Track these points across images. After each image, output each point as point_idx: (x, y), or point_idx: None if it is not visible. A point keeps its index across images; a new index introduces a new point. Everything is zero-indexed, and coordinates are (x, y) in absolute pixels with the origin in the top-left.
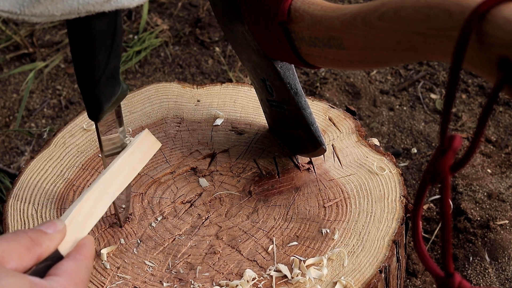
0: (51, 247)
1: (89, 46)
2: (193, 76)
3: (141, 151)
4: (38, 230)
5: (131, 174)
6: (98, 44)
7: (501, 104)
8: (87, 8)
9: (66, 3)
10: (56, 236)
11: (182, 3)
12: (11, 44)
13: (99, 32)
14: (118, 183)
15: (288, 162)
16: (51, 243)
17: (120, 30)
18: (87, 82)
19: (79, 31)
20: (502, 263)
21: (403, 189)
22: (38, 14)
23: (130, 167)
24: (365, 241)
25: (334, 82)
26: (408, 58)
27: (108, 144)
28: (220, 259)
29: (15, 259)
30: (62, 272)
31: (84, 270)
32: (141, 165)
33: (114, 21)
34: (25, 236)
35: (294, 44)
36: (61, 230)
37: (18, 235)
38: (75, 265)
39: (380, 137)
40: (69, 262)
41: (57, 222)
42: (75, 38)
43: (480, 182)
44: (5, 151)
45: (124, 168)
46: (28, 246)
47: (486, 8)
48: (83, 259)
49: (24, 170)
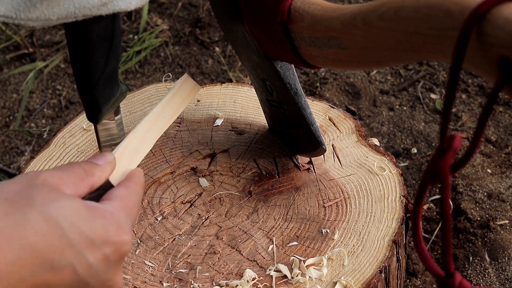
0: (102, 177)
1: (87, 48)
2: (193, 76)
3: (182, 93)
4: (90, 162)
5: (173, 115)
6: (96, 47)
7: (501, 104)
8: (83, 12)
9: (63, 7)
10: (107, 167)
11: (182, 3)
12: (11, 44)
13: (97, 35)
14: (161, 123)
15: (288, 162)
16: (102, 174)
17: (118, 32)
18: (86, 84)
19: (76, 34)
20: (502, 263)
21: (403, 189)
22: (34, 19)
23: (172, 108)
24: (365, 241)
25: (334, 82)
26: (408, 58)
27: (104, 135)
28: (220, 259)
29: (70, 186)
30: (114, 197)
31: (135, 196)
32: (183, 107)
33: (112, 23)
34: (79, 167)
35: (294, 44)
36: (111, 161)
37: (72, 166)
38: (126, 191)
39: (380, 137)
40: (121, 189)
41: (107, 154)
42: (73, 41)
43: (480, 182)
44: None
45: (167, 109)
46: (81, 176)
47: (486, 8)
48: (134, 186)
49: (24, 170)
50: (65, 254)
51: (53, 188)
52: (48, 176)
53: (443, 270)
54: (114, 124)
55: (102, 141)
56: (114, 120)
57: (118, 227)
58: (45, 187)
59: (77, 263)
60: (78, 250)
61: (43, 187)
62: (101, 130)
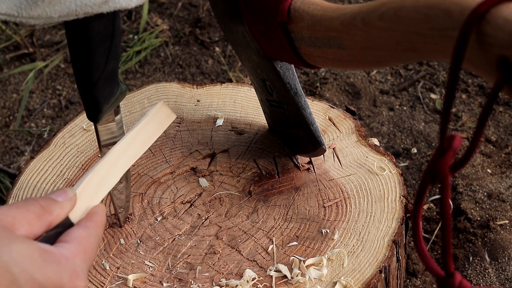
0: (61, 215)
1: (87, 47)
2: (193, 76)
3: (155, 122)
4: (49, 198)
5: (144, 146)
6: (97, 45)
7: (501, 104)
8: (85, 10)
9: (64, 5)
10: (67, 204)
11: (182, 3)
12: (11, 44)
13: (97, 33)
14: (131, 154)
15: (288, 162)
16: (61, 211)
17: (118, 31)
18: (86, 83)
19: (77, 32)
20: (502, 263)
21: (403, 189)
22: (36, 16)
23: (144, 139)
24: (365, 241)
25: (334, 82)
26: (408, 58)
27: (106, 133)
28: (220, 259)
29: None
30: (72, 239)
31: (94, 237)
32: (155, 137)
33: (113, 22)
34: (36, 203)
35: (294, 44)
36: (72, 198)
37: (29, 203)
38: (85, 232)
39: (380, 137)
40: (79, 229)
41: (68, 190)
42: (73, 40)
43: (480, 182)
44: (5, 151)
45: (138, 140)
46: (38, 214)
47: (485, 8)
48: (94, 226)
49: (24, 170)
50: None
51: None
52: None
53: (443, 270)
54: (114, 124)
55: (102, 140)
56: (114, 121)
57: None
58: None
59: None
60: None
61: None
62: (101, 130)
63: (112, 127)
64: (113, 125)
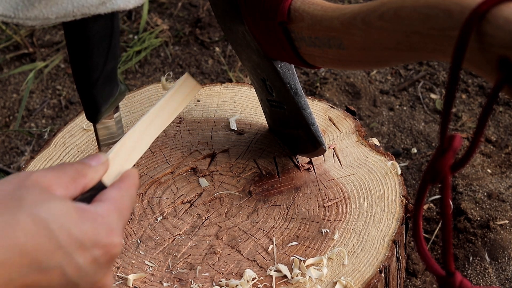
0: (95, 178)
1: (86, 48)
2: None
3: (183, 93)
4: (83, 163)
5: (172, 114)
6: (95, 46)
7: (501, 104)
8: (82, 11)
9: (61, 6)
10: (100, 168)
11: (182, 3)
12: (11, 44)
13: (96, 34)
14: (160, 122)
15: (288, 162)
16: (95, 174)
17: (117, 31)
18: (85, 84)
19: (75, 33)
20: (502, 263)
21: (403, 189)
22: (33, 18)
23: (172, 107)
24: (365, 241)
25: (334, 82)
26: (408, 58)
27: (104, 132)
28: (220, 259)
29: (62, 187)
30: (106, 198)
31: (127, 198)
32: (182, 106)
33: (111, 23)
34: (71, 167)
35: (294, 44)
36: (105, 162)
37: (64, 167)
38: (118, 192)
39: (380, 137)
40: (113, 190)
41: (101, 155)
42: (72, 40)
43: (480, 182)
44: (5, 151)
45: (166, 108)
46: (74, 177)
47: (486, 8)
48: (127, 188)
49: (24, 170)
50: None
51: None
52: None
53: (443, 270)
54: (113, 123)
55: (102, 140)
56: (113, 119)
57: (108, 230)
58: (36, 188)
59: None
60: (68, 252)
61: (34, 188)
62: (100, 129)
63: (111, 126)
64: (112, 124)
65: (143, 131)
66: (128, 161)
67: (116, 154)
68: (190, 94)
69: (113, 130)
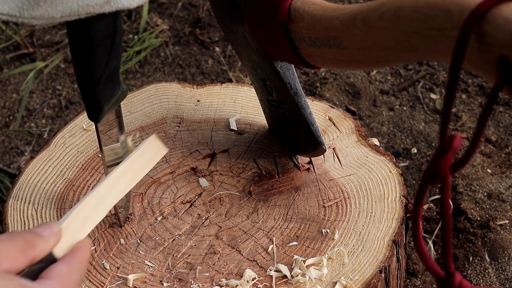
0: (45, 250)
1: (89, 47)
2: (193, 76)
3: (147, 156)
4: (33, 232)
5: (134, 180)
6: (98, 45)
7: (501, 104)
8: (87, 10)
9: (66, 5)
10: (51, 239)
11: (182, 3)
12: (11, 44)
13: (99, 33)
14: (119, 189)
15: (288, 162)
16: (45, 246)
17: (120, 31)
18: (87, 83)
19: (79, 32)
20: (502, 263)
21: (403, 189)
22: (38, 17)
23: (133, 173)
24: (365, 241)
25: (334, 82)
26: (408, 58)
27: (111, 154)
28: (220, 259)
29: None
30: (53, 275)
31: (76, 274)
32: (145, 171)
33: (114, 22)
34: (20, 238)
35: (294, 44)
36: (56, 233)
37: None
38: (67, 268)
39: (380, 137)
40: (61, 265)
41: (53, 224)
42: (75, 39)
43: (480, 182)
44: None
45: (127, 174)
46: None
47: (486, 8)
48: (77, 263)
49: (24, 170)
50: None
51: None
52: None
53: (443, 270)
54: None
55: (108, 159)
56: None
57: None
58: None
59: None
60: None
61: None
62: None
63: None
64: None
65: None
66: (82, 231)
67: (69, 223)
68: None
69: (118, 152)
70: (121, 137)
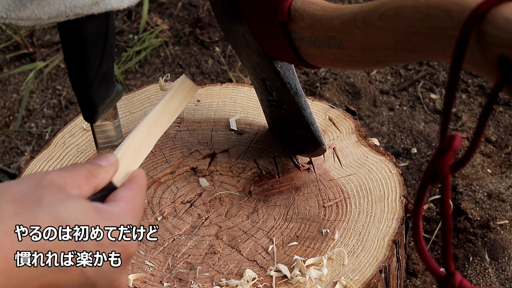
0: (106, 179)
1: (81, 48)
2: (193, 76)
3: (181, 94)
4: (94, 163)
5: (173, 116)
6: (90, 46)
7: (501, 104)
8: (75, 11)
9: (53, 6)
10: (110, 168)
11: (182, 3)
12: (11, 44)
13: (90, 34)
14: (161, 123)
15: (288, 162)
16: (106, 175)
17: (112, 31)
18: (81, 84)
19: (70, 33)
20: (502, 263)
21: (403, 189)
22: (25, 18)
23: (172, 109)
24: (365, 241)
25: (334, 82)
26: (408, 58)
27: (102, 137)
28: (220, 259)
29: (75, 187)
30: (119, 198)
31: (139, 197)
32: (182, 107)
33: (106, 22)
34: (83, 168)
35: (294, 44)
36: (114, 162)
37: (76, 167)
38: (131, 192)
39: (380, 137)
40: (125, 190)
41: (110, 156)
42: (67, 41)
43: (480, 182)
44: (5, 151)
45: (166, 109)
46: (86, 177)
47: (486, 8)
48: (137, 188)
49: (24, 170)
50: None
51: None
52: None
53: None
54: (111, 127)
55: (100, 143)
56: (112, 123)
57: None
58: (52, 188)
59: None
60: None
61: (51, 188)
62: (98, 131)
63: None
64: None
65: (147, 131)
66: (135, 162)
67: (123, 155)
68: (189, 95)
69: (111, 134)
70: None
